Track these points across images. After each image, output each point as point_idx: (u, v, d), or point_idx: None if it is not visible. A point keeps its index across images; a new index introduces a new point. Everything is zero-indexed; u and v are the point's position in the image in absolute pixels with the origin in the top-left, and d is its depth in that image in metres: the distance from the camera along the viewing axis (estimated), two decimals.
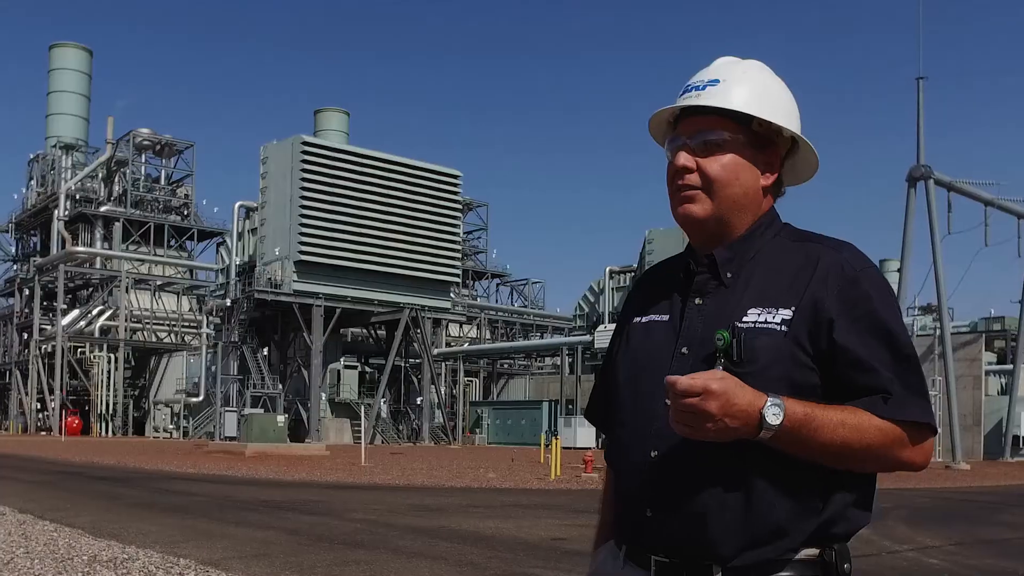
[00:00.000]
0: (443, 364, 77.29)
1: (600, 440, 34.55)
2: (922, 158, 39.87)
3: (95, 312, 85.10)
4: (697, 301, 1.95)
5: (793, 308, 1.84)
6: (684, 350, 1.91)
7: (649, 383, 1.90)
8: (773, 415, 1.71)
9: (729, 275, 1.93)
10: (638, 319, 2.05)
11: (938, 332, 44.23)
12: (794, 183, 2.09)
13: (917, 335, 56.18)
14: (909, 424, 1.80)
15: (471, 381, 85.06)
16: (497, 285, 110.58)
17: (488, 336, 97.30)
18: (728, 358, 1.82)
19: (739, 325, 1.84)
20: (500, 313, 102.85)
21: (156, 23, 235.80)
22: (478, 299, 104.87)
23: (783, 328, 1.82)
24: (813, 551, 1.83)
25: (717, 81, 1.95)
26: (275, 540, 10.87)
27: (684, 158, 1.94)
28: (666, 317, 1.98)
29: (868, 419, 1.78)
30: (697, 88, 1.96)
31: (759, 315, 1.85)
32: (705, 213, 1.94)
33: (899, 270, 41.98)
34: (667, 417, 1.76)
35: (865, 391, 1.81)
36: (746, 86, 1.95)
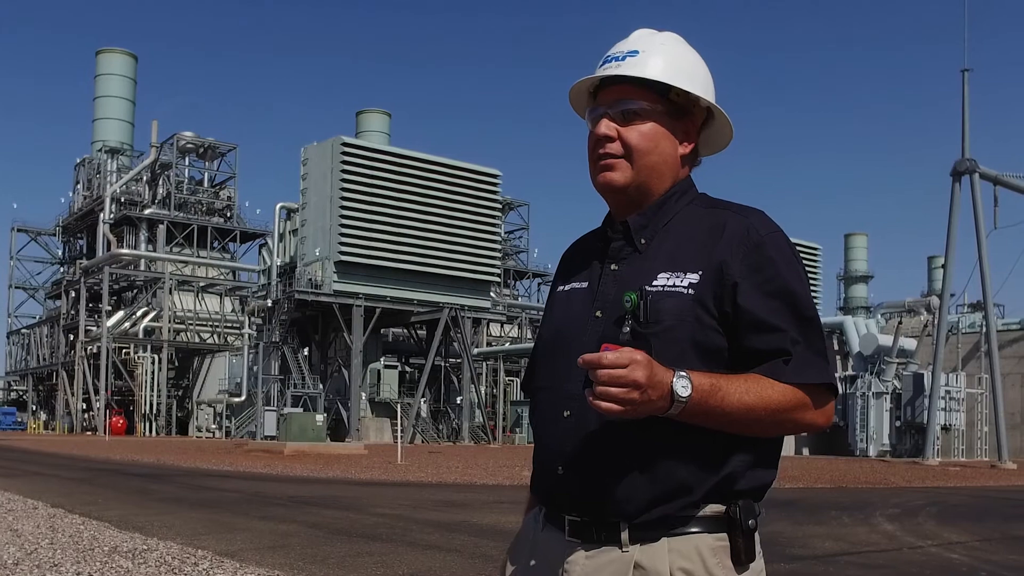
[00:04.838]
0: (483, 363, 77.40)
1: None
2: (967, 152, 39.20)
3: (139, 313, 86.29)
4: (613, 267, 2.00)
5: (700, 272, 1.88)
6: (598, 314, 1.96)
7: (564, 346, 1.96)
8: (682, 387, 1.74)
9: (643, 241, 1.98)
10: (561, 288, 2.11)
11: (984, 329, 43.45)
12: (710, 153, 2.14)
13: (964, 332, 55.19)
14: (811, 386, 1.84)
15: (512, 380, 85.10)
16: (539, 284, 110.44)
17: (529, 335, 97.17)
18: (635, 319, 1.87)
19: (647, 288, 1.89)
20: (541, 312, 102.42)
21: (200, 29, 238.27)
22: (519, 298, 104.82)
23: (690, 291, 1.87)
24: (719, 507, 1.87)
25: (636, 52, 2.00)
26: (294, 533, 10.95)
27: (606, 126, 1.98)
28: (585, 284, 2.04)
29: (770, 385, 1.82)
30: (616, 59, 2.01)
31: (668, 279, 1.89)
32: (625, 180, 1.99)
33: (944, 266, 41.35)
34: (580, 378, 1.81)
35: (767, 354, 1.85)
36: (663, 57, 1.99)
